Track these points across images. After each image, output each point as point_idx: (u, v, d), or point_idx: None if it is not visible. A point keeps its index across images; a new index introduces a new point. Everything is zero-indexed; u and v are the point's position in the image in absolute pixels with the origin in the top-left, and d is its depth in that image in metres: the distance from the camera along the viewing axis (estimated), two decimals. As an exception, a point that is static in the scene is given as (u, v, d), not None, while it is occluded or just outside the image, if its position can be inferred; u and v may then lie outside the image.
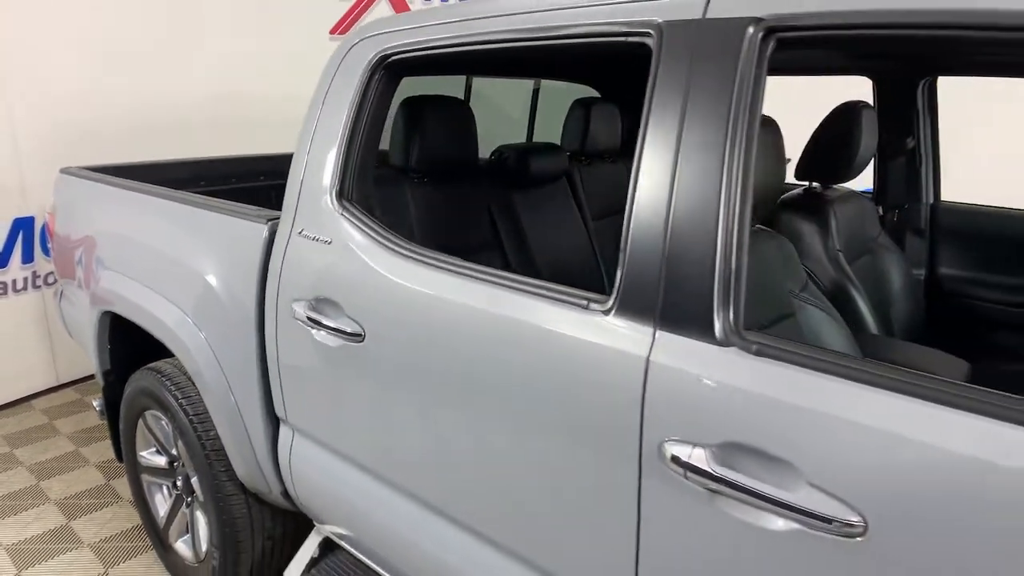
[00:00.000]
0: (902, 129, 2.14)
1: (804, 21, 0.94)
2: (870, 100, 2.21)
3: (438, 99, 1.84)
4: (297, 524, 2.02)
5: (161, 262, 1.98)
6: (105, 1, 3.51)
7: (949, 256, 2.21)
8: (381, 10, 4.75)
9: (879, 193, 2.26)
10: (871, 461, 0.81)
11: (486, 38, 1.33)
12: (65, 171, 2.63)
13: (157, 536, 2.33)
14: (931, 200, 2.21)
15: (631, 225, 1.05)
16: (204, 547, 2.11)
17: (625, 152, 2.52)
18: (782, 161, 1.36)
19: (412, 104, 1.80)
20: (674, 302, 0.99)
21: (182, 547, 2.23)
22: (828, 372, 0.87)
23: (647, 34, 1.09)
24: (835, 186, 2.07)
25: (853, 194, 2.09)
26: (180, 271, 1.89)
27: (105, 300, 2.20)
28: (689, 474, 0.94)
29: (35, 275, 3.53)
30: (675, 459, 0.95)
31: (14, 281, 3.47)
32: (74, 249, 2.42)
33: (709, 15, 1.03)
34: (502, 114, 3.90)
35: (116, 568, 2.36)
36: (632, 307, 1.04)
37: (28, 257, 3.50)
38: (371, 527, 1.56)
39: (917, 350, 1.76)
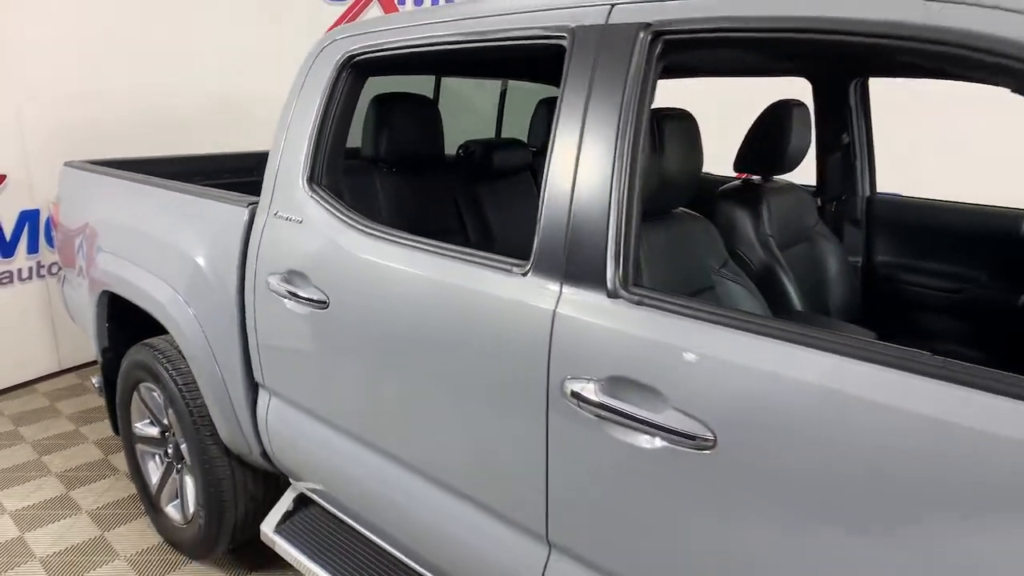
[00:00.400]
0: (838, 127, 2.32)
1: (683, 26, 1.13)
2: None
3: (405, 97, 2.03)
4: (278, 487, 2.19)
5: (154, 245, 2.17)
6: (109, 6, 3.71)
7: (884, 244, 2.39)
8: (375, 14, 4.97)
9: (820, 186, 2.43)
10: (721, 388, 0.99)
11: (436, 41, 1.51)
12: (69, 164, 2.82)
13: (149, 501, 2.51)
14: (867, 192, 2.39)
15: (544, 202, 1.23)
16: (191, 509, 2.29)
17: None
18: (697, 150, 1.54)
19: (381, 101, 1.99)
20: (576, 263, 1.17)
21: (172, 511, 2.41)
22: (692, 317, 1.05)
23: (563, 37, 1.27)
24: (776, 178, 2.25)
25: (791, 186, 2.27)
26: (171, 253, 2.08)
27: (103, 281, 2.39)
28: (582, 404, 1.12)
29: (39, 265, 3.73)
30: (573, 393, 1.13)
31: (19, 270, 3.66)
32: (76, 236, 2.61)
33: (611, 22, 1.21)
34: (476, 112, 4.09)
35: (111, 532, 2.54)
36: (544, 269, 1.22)
37: (33, 248, 3.69)
38: (335, 476, 1.74)
39: (830, 321, 1.93)
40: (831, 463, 0.90)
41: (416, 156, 2.08)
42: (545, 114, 2.42)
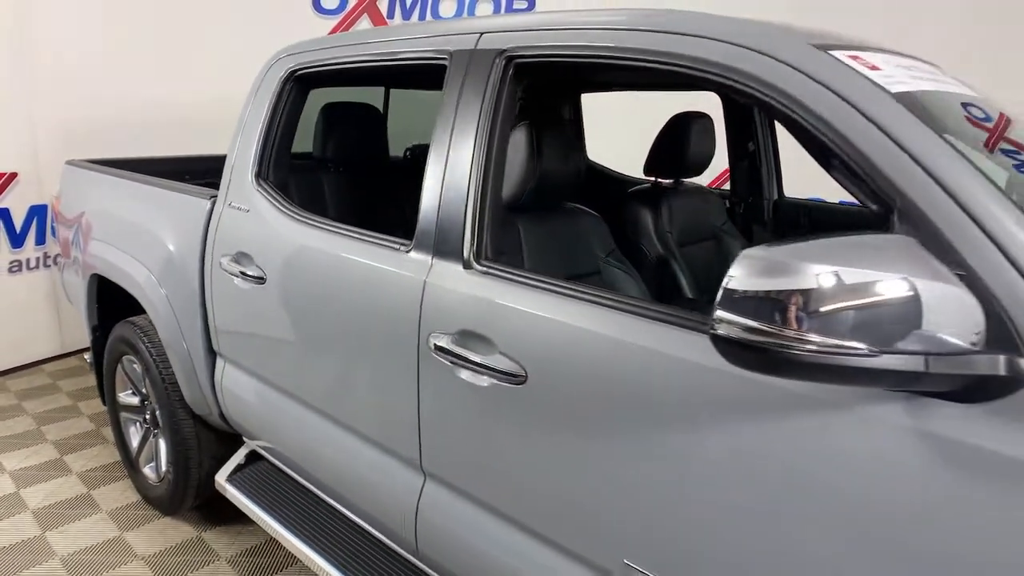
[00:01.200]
0: (745, 136, 2.58)
1: (525, 52, 1.41)
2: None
3: (349, 105, 2.32)
4: (236, 447, 2.48)
5: (135, 233, 2.47)
6: (117, 18, 4.05)
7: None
8: (365, 26, 5.29)
9: (732, 189, 2.69)
10: (532, 336, 1.26)
11: (357, 60, 1.81)
12: (70, 163, 3.14)
13: (130, 463, 2.81)
14: (774, 196, 2.64)
15: (423, 193, 1.51)
16: (163, 468, 2.59)
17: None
18: (573, 154, 1.81)
19: (328, 108, 2.29)
20: (443, 242, 1.45)
21: (148, 471, 2.71)
22: (521, 284, 1.32)
23: (444, 58, 1.56)
24: (687, 181, 2.51)
25: (699, 189, 2.53)
26: (148, 239, 2.39)
27: (93, 265, 2.70)
28: (441, 354, 1.40)
29: (46, 255, 4.06)
30: (436, 346, 1.41)
31: (28, 260, 4.00)
32: (73, 226, 2.93)
33: (479, 47, 1.49)
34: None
35: (97, 490, 2.85)
36: (421, 246, 1.50)
37: (41, 240, 4.03)
38: (275, 429, 2.03)
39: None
40: (607, 389, 1.17)
41: (360, 158, 2.37)
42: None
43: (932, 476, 0.83)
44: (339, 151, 2.29)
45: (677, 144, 2.29)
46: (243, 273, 1.95)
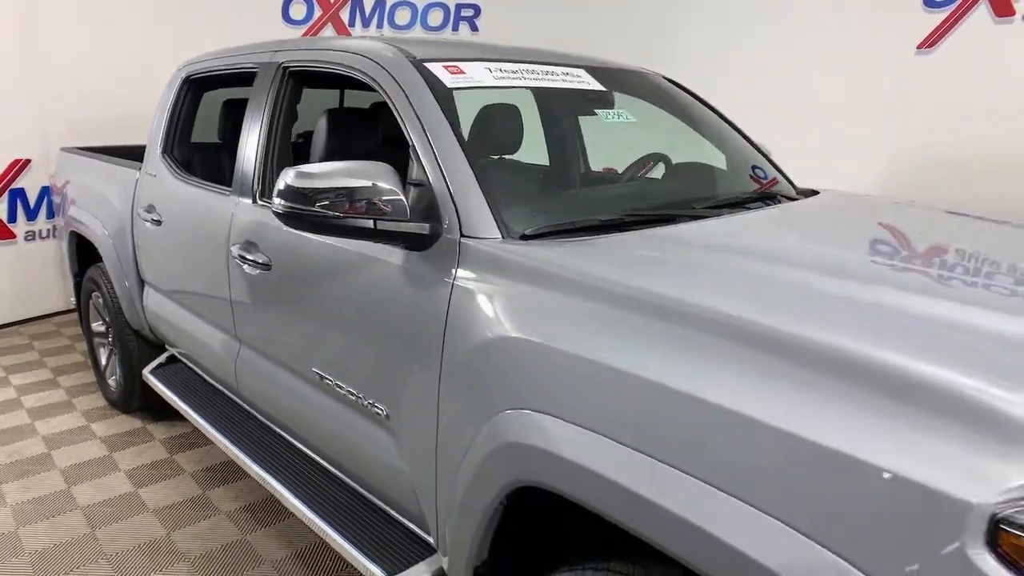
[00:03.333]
0: (558, 128, 3.30)
1: (294, 66, 2.18)
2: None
3: (241, 101, 3.12)
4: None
5: (96, 198, 3.33)
6: (121, 24, 4.94)
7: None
8: (329, 34, 6.11)
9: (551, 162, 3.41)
10: (275, 240, 2.04)
11: (223, 69, 2.61)
12: (64, 149, 4.03)
13: (100, 376, 3.68)
14: (581, 169, 3.35)
15: (238, 157, 2.29)
16: (118, 375, 3.45)
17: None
18: (357, 129, 2.57)
19: (225, 104, 3.10)
20: (244, 187, 2.24)
21: (111, 381, 3.57)
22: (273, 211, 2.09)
23: (257, 68, 2.34)
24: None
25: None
26: (102, 201, 3.24)
27: (71, 225, 3.58)
28: (237, 258, 2.18)
29: (55, 227, 4.99)
30: (236, 254, 2.20)
31: (40, 231, 4.94)
32: (60, 196, 3.82)
33: (273, 61, 2.27)
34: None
35: (77, 398, 3.73)
36: (235, 191, 2.29)
37: (50, 214, 4.96)
38: (179, 334, 2.85)
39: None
40: (301, 267, 1.94)
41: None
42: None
43: (401, 286, 1.59)
44: (233, 136, 3.09)
45: (485, 132, 3.03)
46: (151, 219, 2.78)
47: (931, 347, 1.01)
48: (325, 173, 1.54)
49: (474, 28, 6.43)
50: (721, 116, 2.70)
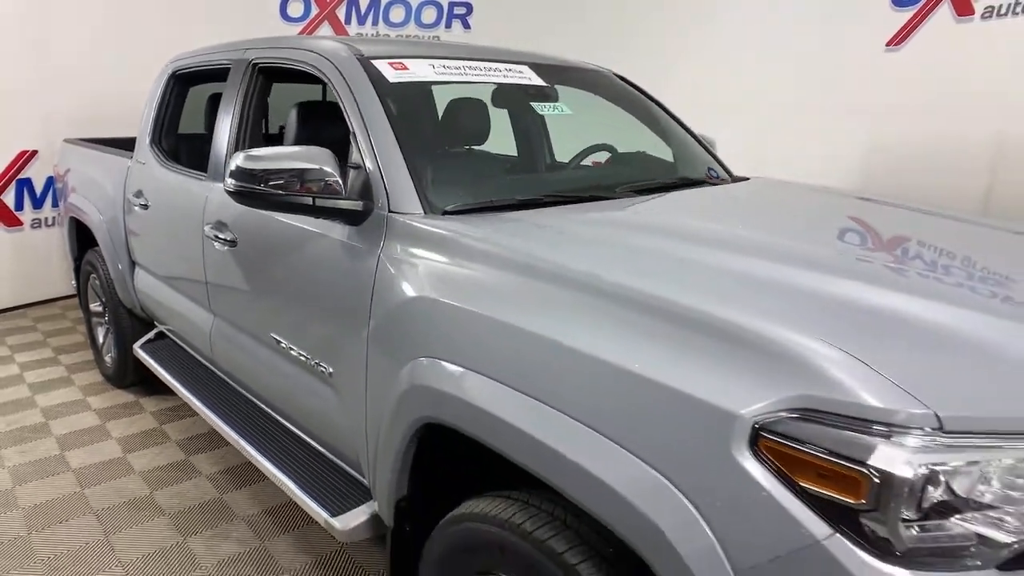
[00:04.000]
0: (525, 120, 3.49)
1: (263, 63, 2.39)
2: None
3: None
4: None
5: (92, 185, 3.57)
6: (109, 26, 5.19)
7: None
8: (326, 32, 6.34)
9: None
10: (242, 220, 2.25)
11: (204, 65, 2.83)
12: (66, 141, 4.28)
13: (98, 353, 3.93)
14: (547, 160, 3.54)
15: (213, 143, 2.51)
16: (112, 352, 3.69)
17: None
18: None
19: (211, 98, 3.32)
20: (216, 172, 2.45)
21: (107, 358, 3.81)
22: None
23: (231, 64, 2.56)
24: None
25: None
26: (97, 188, 3.48)
27: (70, 210, 3.82)
28: (209, 236, 2.40)
29: (59, 215, 5.24)
30: (207, 231, 2.42)
31: (46, 219, 5.20)
32: (63, 185, 4.07)
33: (244, 58, 2.49)
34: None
35: (76, 374, 3.97)
36: (210, 176, 2.50)
37: (56, 203, 5.21)
38: (161, 307, 3.08)
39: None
40: (262, 243, 2.15)
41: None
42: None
43: (340, 257, 1.79)
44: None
45: (451, 124, 3.23)
46: (139, 203, 3.01)
47: (735, 298, 1.21)
48: (270, 156, 1.75)
49: (467, 26, 6.63)
50: (666, 111, 2.89)
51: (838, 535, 0.95)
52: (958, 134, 4.42)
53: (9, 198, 5.06)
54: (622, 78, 2.94)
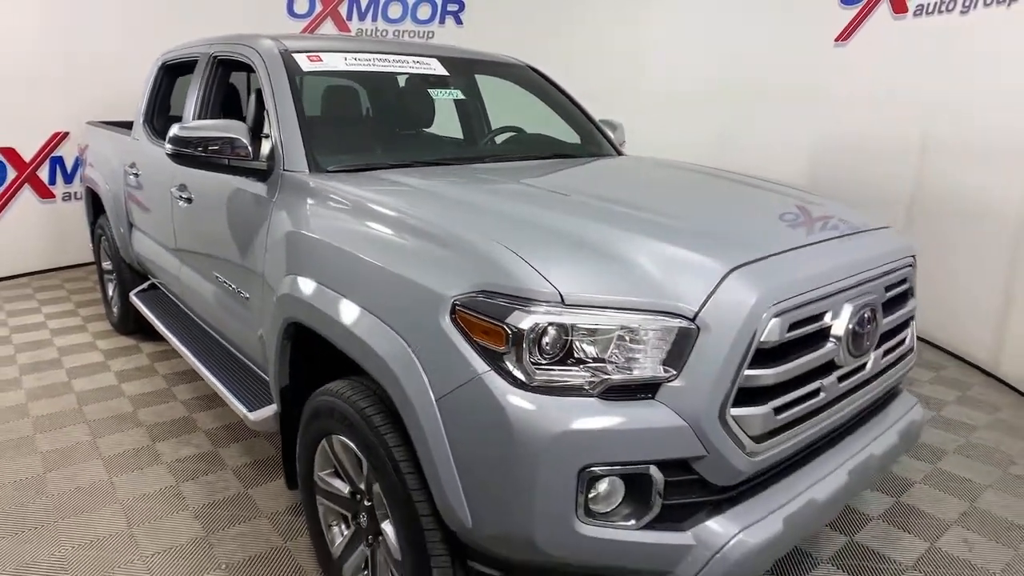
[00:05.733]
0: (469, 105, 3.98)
1: (220, 55, 2.94)
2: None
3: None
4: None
5: (101, 158, 4.19)
6: (127, 23, 5.83)
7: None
8: (329, 29, 6.90)
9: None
10: (194, 182, 2.80)
11: (184, 58, 3.39)
12: (89, 123, 4.93)
13: (107, 306, 4.57)
14: (485, 131, 4.02)
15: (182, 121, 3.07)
16: (117, 303, 4.31)
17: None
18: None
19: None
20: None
21: (114, 309, 4.44)
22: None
23: (198, 57, 3.11)
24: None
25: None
26: (105, 161, 4.10)
27: (86, 182, 4.46)
28: (173, 195, 2.96)
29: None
30: (172, 192, 2.98)
31: (75, 192, 5.90)
32: (84, 161, 4.71)
33: (211, 53, 3.04)
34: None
35: (91, 323, 4.63)
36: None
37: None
38: (150, 260, 3.67)
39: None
40: (212, 197, 2.69)
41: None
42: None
43: (252, 206, 2.32)
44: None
45: (409, 115, 3.73)
46: (133, 173, 3.60)
47: (468, 223, 1.72)
48: (197, 127, 2.29)
49: (459, 22, 7.13)
50: (569, 97, 3.36)
51: (492, 371, 1.43)
52: (891, 123, 4.73)
53: (44, 173, 5.77)
54: (534, 69, 3.41)
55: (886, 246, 1.89)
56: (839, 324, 1.64)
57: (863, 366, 1.78)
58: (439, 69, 2.91)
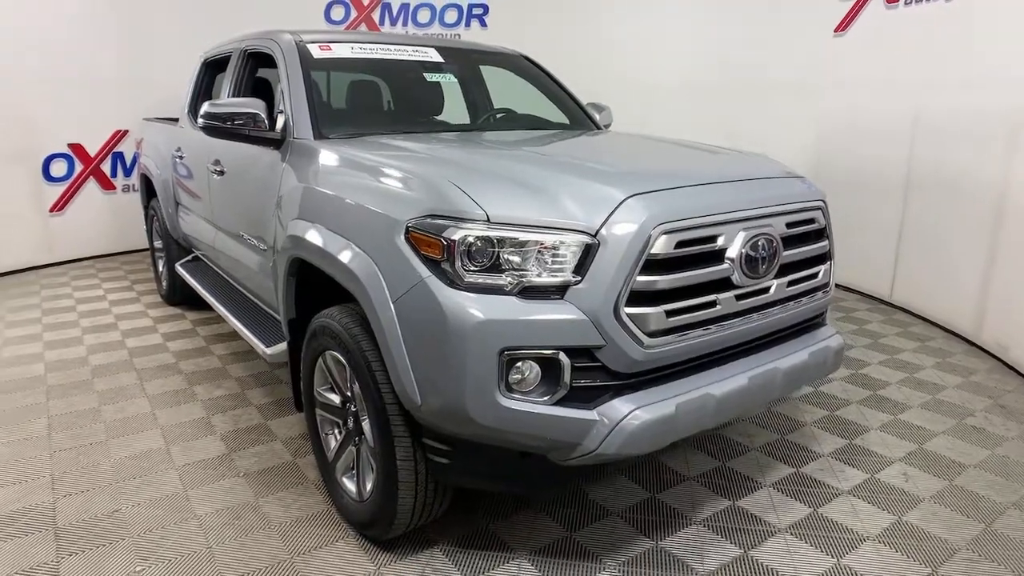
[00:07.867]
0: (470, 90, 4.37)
1: (251, 50, 3.40)
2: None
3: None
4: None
5: (153, 147, 4.75)
6: (185, 33, 6.43)
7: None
8: (363, 28, 7.40)
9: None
10: (227, 157, 3.26)
11: (221, 54, 3.89)
12: (145, 119, 5.52)
13: (157, 280, 5.12)
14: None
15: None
16: (164, 277, 4.85)
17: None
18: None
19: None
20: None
21: (164, 282, 4.98)
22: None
23: (232, 52, 3.59)
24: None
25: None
26: (156, 150, 4.64)
27: (141, 169, 5.03)
28: (209, 170, 3.43)
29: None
30: (208, 166, 3.45)
31: (133, 184, 6.52)
32: (139, 152, 5.30)
33: (240, 48, 3.51)
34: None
35: (144, 296, 5.18)
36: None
37: (141, 172, 6.52)
38: (193, 233, 4.17)
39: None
40: (239, 170, 3.14)
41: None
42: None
43: (269, 169, 2.75)
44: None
45: (408, 95, 4.15)
46: (178, 156, 4.12)
47: (427, 165, 2.11)
48: (225, 103, 2.74)
49: (483, 24, 7.55)
50: (557, 82, 3.72)
51: (432, 276, 1.80)
52: (885, 107, 4.93)
53: (106, 167, 6.41)
54: (528, 58, 3.78)
55: (790, 189, 2.19)
56: (734, 248, 1.96)
57: (766, 290, 2.08)
58: (436, 57, 3.31)
